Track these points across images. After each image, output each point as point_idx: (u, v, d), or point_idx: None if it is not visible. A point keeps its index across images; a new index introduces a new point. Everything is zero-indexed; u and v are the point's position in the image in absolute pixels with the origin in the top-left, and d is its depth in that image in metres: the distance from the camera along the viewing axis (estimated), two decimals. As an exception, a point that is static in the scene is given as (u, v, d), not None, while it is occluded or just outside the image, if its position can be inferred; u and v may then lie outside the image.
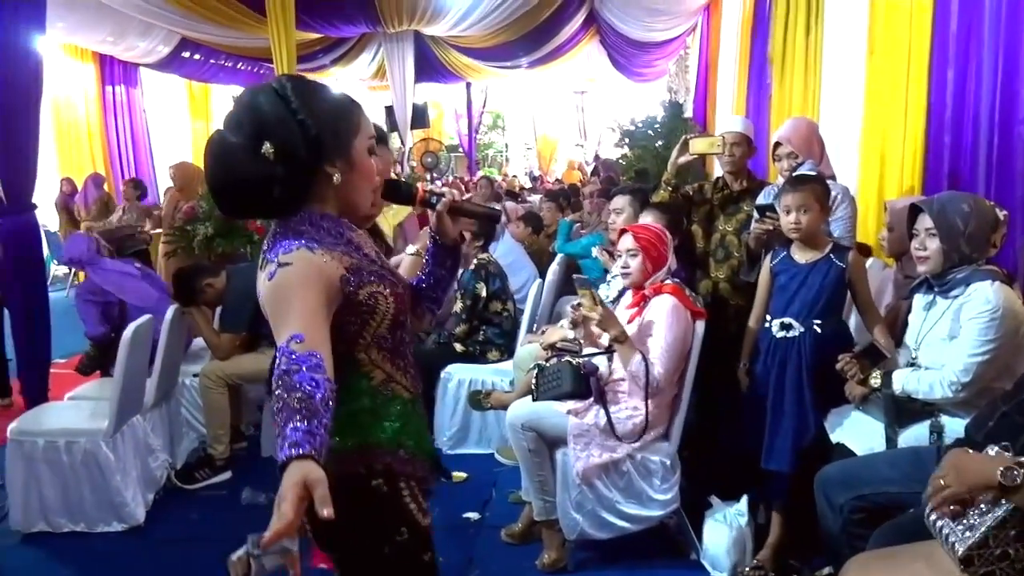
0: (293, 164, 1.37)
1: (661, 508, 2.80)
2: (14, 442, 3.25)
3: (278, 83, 1.41)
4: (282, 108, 1.37)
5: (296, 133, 1.37)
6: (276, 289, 1.34)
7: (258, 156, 1.35)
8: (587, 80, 16.37)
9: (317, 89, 1.45)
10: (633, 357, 2.66)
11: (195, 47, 11.53)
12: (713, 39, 9.04)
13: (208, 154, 1.41)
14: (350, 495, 1.40)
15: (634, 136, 9.32)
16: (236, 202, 1.44)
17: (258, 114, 1.37)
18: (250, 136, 1.36)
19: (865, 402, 2.52)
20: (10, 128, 4.12)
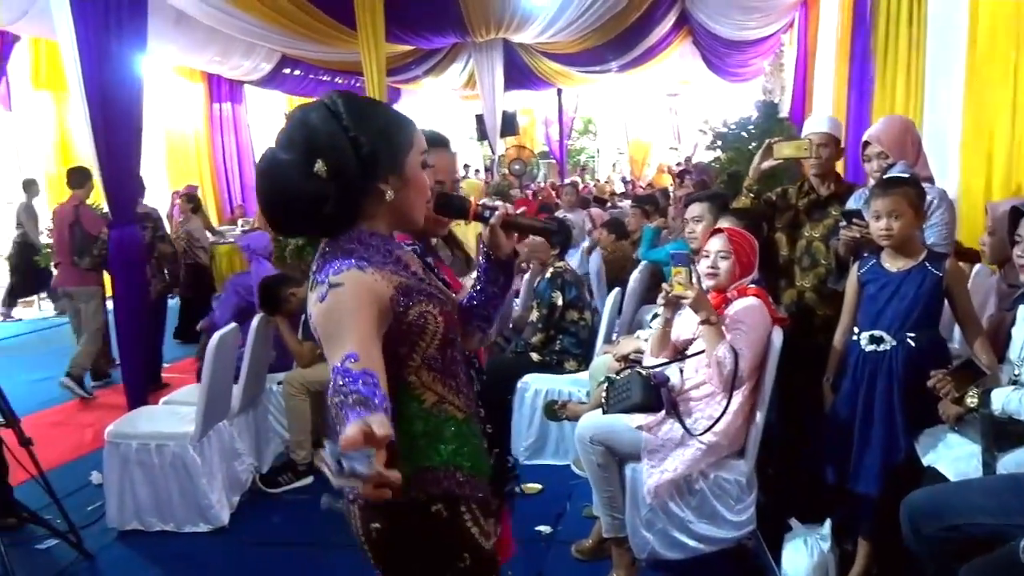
0: (345, 182, 1.36)
1: (735, 529, 2.67)
2: (111, 444, 3.43)
3: (330, 100, 1.40)
4: (334, 125, 1.36)
5: (348, 151, 1.35)
6: (329, 311, 1.32)
7: (311, 174, 1.34)
8: (680, 82, 16.06)
9: (368, 105, 1.44)
10: (721, 343, 2.56)
11: (295, 63, 12.03)
12: (811, 35, 8.71)
13: (260, 172, 1.41)
14: (410, 522, 1.41)
15: (727, 138, 9.05)
16: (288, 220, 1.43)
17: (310, 132, 1.36)
18: (302, 154, 1.35)
19: (960, 423, 2.33)
20: (114, 146, 4.36)
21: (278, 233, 1.48)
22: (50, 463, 3.92)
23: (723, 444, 2.66)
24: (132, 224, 4.65)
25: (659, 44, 12.35)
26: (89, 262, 5.66)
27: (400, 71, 12.49)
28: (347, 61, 10.79)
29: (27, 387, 5.88)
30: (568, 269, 4.23)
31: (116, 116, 4.35)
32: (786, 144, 3.21)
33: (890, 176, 2.68)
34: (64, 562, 3.19)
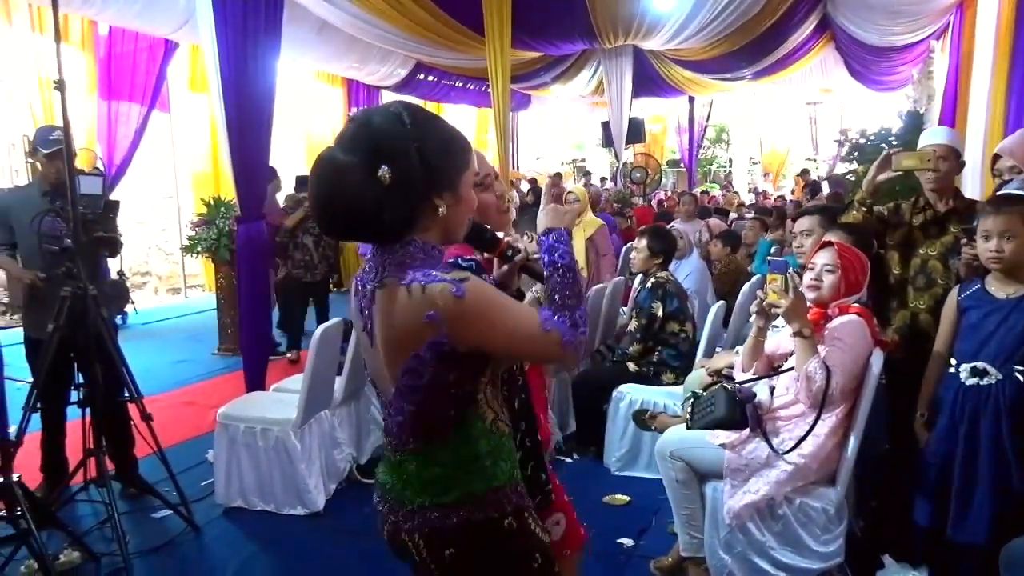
0: (407, 190, 1.35)
1: (821, 560, 2.52)
2: (221, 425, 3.66)
3: (397, 108, 1.39)
4: (402, 133, 1.35)
5: (415, 159, 1.35)
6: (476, 295, 1.34)
7: (373, 178, 1.32)
8: (821, 91, 15.33)
9: (434, 118, 1.45)
10: (813, 358, 2.44)
11: (428, 70, 12.42)
12: (966, 40, 8.08)
13: (318, 172, 1.37)
14: (485, 541, 1.44)
15: (864, 150, 8.55)
16: (344, 224, 1.39)
17: (377, 136, 1.35)
18: (366, 157, 1.33)
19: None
20: (245, 146, 4.66)
21: (327, 236, 1.48)
22: (173, 439, 4.25)
23: (811, 468, 2.52)
24: (259, 220, 4.94)
25: (798, 50, 11.85)
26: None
27: (529, 77, 12.64)
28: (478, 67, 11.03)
29: (166, 368, 6.40)
30: (670, 279, 4.14)
31: (249, 117, 4.63)
32: (907, 155, 3.00)
33: (1005, 192, 2.46)
34: (174, 532, 3.43)
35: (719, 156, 24.05)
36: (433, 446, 1.42)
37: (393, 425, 1.45)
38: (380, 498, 1.52)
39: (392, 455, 1.48)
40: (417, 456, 1.43)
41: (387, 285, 1.37)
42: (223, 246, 6.65)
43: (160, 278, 11.30)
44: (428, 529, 1.42)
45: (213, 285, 7.71)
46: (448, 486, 1.42)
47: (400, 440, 1.44)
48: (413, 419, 1.41)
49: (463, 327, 1.33)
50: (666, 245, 4.15)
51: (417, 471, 1.44)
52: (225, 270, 6.85)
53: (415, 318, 1.33)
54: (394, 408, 1.43)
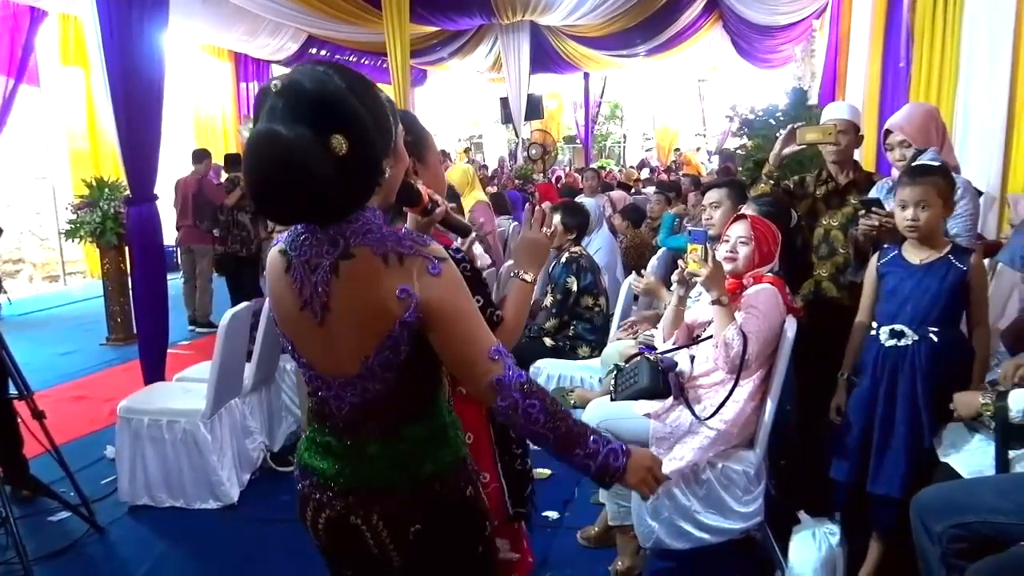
0: (366, 158, 1.22)
1: (742, 520, 2.62)
2: (123, 419, 3.46)
3: (320, 68, 1.23)
4: (343, 93, 1.19)
5: (367, 121, 1.20)
6: (452, 284, 1.27)
7: (326, 151, 1.16)
8: (709, 68, 15.84)
9: (359, 74, 1.28)
10: (730, 325, 2.52)
11: (321, 43, 12.03)
12: (844, 20, 8.51)
13: (257, 152, 1.19)
14: (451, 513, 1.39)
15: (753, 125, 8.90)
16: (297, 207, 1.24)
17: (320, 101, 1.18)
18: (314, 127, 1.16)
19: (977, 419, 2.26)
20: (134, 123, 4.37)
21: (277, 223, 1.32)
22: (67, 436, 3.99)
23: (732, 433, 2.61)
24: (151, 201, 4.66)
25: (688, 28, 12.19)
26: (209, 225, 6.99)
27: (426, 52, 12.46)
28: (373, 42, 10.79)
29: (51, 360, 5.99)
30: (584, 254, 4.18)
31: (137, 92, 4.34)
32: (809, 129, 3.14)
33: (920, 163, 2.59)
34: (76, 535, 3.22)
35: (613, 132, 24.51)
36: (400, 424, 1.35)
37: (344, 406, 1.34)
38: (315, 486, 1.42)
39: (337, 440, 1.38)
40: (378, 437, 1.35)
41: (356, 255, 1.25)
42: (109, 230, 6.29)
43: (35, 265, 10.54)
44: (393, 509, 1.35)
45: (98, 271, 7.30)
46: (420, 461, 1.36)
47: (354, 422, 1.35)
48: (383, 398, 1.32)
49: (430, 309, 1.25)
50: (579, 220, 4.18)
51: (381, 452, 1.36)
52: (112, 255, 6.48)
53: (389, 291, 1.24)
54: (351, 389, 1.32)
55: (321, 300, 1.28)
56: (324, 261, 1.26)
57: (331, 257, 1.26)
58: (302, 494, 1.45)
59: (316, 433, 1.43)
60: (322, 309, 1.28)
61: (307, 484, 1.43)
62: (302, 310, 1.31)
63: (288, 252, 1.33)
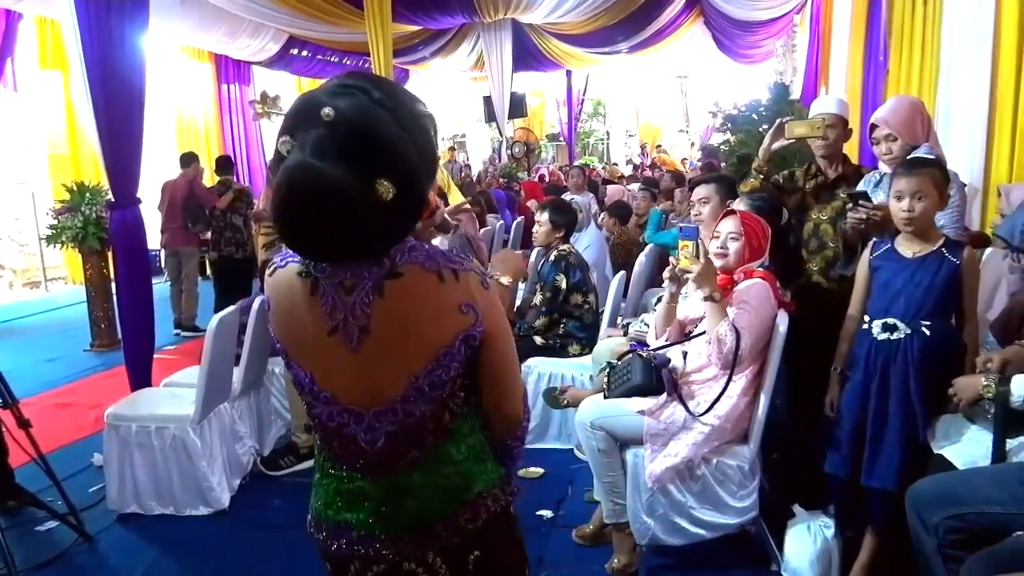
0: (413, 200, 1.14)
1: (738, 515, 2.63)
2: (111, 426, 3.41)
3: (364, 87, 1.12)
4: (391, 126, 1.09)
5: (413, 159, 1.11)
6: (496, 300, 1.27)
7: (372, 195, 1.08)
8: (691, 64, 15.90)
9: (407, 93, 1.20)
10: (723, 320, 2.52)
11: (302, 44, 11.97)
12: (825, 15, 8.57)
13: (295, 189, 1.08)
14: (505, 531, 1.36)
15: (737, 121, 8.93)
16: (328, 247, 1.15)
17: (365, 137, 1.08)
18: (358, 170, 1.07)
19: (971, 410, 2.27)
20: (116, 127, 4.31)
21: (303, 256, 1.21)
22: (53, 445, 3.93)
23: (726, 428, 2.61)
24: (134, 205, 4.61)
25: (670, 25, 12.22)
26: (202, 228, 7.03)
27: (408, 52, 12.41)
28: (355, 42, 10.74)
29: (34, 367, 5.91)
30: (572, 252, 4.18)
31: (118, 95, 4.28)
32: (798, 123, 3.14)
33: (915, 156, 2.60)
34: (64, 544, 3.17)
35: (597, 129, 24.54)
36: (441, 446, 1.27)
37: (378, 438, 1.24)
38: (354, 543, 1.29)
39: (370, 481, 1.27)
40: (420, 466, 1.26)
41: (405, 273, 1.18)
42: (91, 235, 6.21)
43: (15, 271, 10.40)
44: (450, 542, 1.28)
45: (80, 277, 7.21)
46: (468, 480, 1.29)
47: (390, 455, 1.25)
48: (425, 421, 1.24)
49: (489, 322, 1.23)
50: (568, 218, 4.18)
51: (425, 481, 1.27)
52: (94, 260, 6.40)
53: (449, 307, 1.19)
54: (390, 417, 1.23)
55: (360, 323, 1.18)
56: (366, 282, 1.18)
57: (374, 277, 1.18)
58: (339, 555, 1.31)
59: (338, 481, 1.30)
60: (360, 332, 1.19)
61: (342, 543, 1.30)
62: (331, 335, 1.20)
63: (312, 272, 1.21)
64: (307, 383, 1.27)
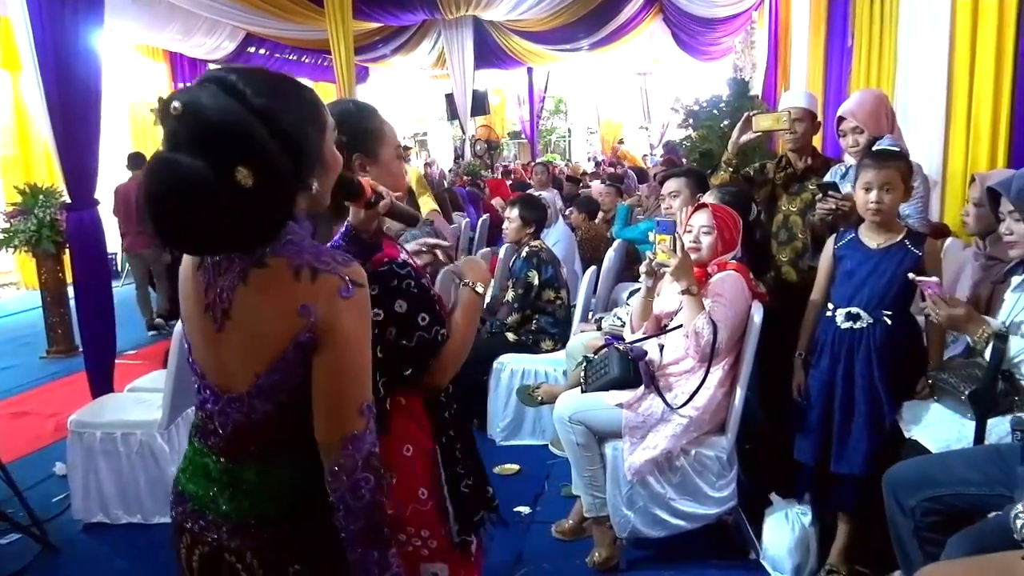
0: (277, 185, 1.10)
1: (717, 505, 2.65)
2: (74, 434, 3.31)
3: (225, 78, 1.10)
4: (245, 115, 1.07)
5: (273, 146, 1.09)
6: (359, 313, 1.17)
7: (230, 184, 1.06)
8: (651, 61, 16.02)
9: (279, 81, 1.17)
10: (700, 314, 2.53)
11: (260, 42, 11.77)
12: (783, 12, 8.69)
13: (156, 182, 1.08)
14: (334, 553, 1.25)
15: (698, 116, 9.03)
16: (196, 239, 1.13)
17: (219, 127, 1.07)
18: (215, 159, 1.06)
19: (941, 394, 2.31)
20: (71, 127, 4.19)
21: (179, 251, 1.20)
22: (11, 455, 3.80)
23: (704, 419, 2.63)
24: (92, 207, 4.49)
25: (630, 22, 12.29)
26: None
27: (368, 49, 12.29)
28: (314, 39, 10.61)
29: (-14, 377, 5.73)
30: (544, 248, 4.17)
31: (73, 95, 4.17)
32: (764, 116, 3.19)
33: (882, 148, 2.64)
34: (28, 557, 3.08)
35: (558, 127, 24.61)
36: (284, 450, 1.23)
37: (228, 424, 1.22)
38: (189, 514, 1.28)
39: (215, 461, 1.25)
40: (259, 462, 1.23)
41: (270, 264, 1.16)
42: (46, 238, 6.02)
43: (-36, 278, 10.08)
44: (269, 544, 1.23)
45: (33, 282, 7.01)
46: (304, 493, 1.23)
47: (236, 444, 1.23)
48: (270, 421, 1.21)
49: (328, 334, 1.15)
50: (538, 214, 4.17)
51: (258, 478, 1.23)
52: (49, 264, 6.22)
53: (291, 305, 1.14)
54: (238, 407, 1.21)
55: (223, 306, 1.19)
56: (235, 266, 1.18)
57: (244, 263, 1.17)
58: (176, 523, 1.31)
59: (196, 453, 1.30)
60: (222, 315, 1.19)
61: (181, 511, 1.30)
62: (204, 312, 1.22)
63: None
64: (187, 352, 1.30)
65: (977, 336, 2.05)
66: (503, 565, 2.84)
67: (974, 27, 3.53)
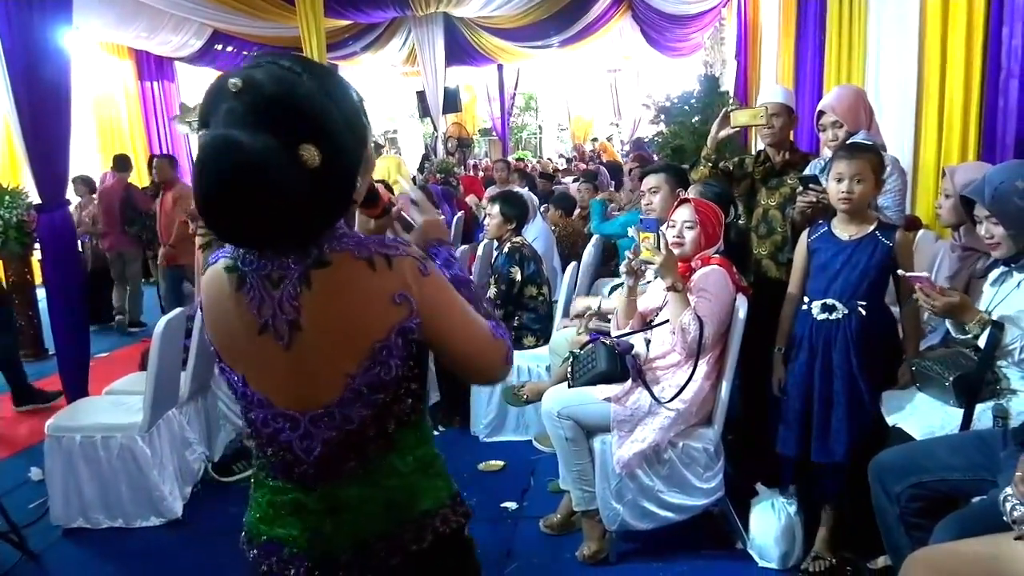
0: (343, 169, 1.06)
1: (705, 497, 2.69)
2: (52, 438, 3.25)
3: (292, 63, 1.05)
4: (314, 92, 1.02)
5: (340, 125, 1.04)
6: (441, 282, 1.18)
7: (296, 163, 1.00)
8: (621, 58, 16.10)
9: (335, 73, 1.14)
10: (686, 310, 2.56)
11: (227, 39, 11.60)
12: (752, 8, 8.80)
13: (213, 163, 1.01)
14: (456, 557, 1.27)
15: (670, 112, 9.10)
16: (255, 226, 1.05)
17: (288, 102, 1.01)
18: (282, 135, 1.00)
19: (924, 381, 2.36)
20: (40, 126, 4.12)
21: (228, 241, 1.12)
22: (-16, 461, 3.74)
23: (691, 412, 2.66)
24: (63, 207, 4.42)
25: (600, 19, 12.34)
26: (137, 231, 7.04)
27: (337, 47, 12.18)
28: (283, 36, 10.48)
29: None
30: (526, 244, 4.18)
31: (42, 94, 4.10)
32: (742, 112, 3.23)
33: (854, 141, 2.69)
34: (7, 565, 3.01)
35: (529, 124, 24.62)
36: (384, 456, 1.18)
37: (315, 446, 1.15)
38: (286, 562, 1.20)
39: (307, 493, 1.18)
40: (360, 477, 1.17)
41: (333, 261, 1.10)
42: (13, 239, 5.89)
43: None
44: (390, 564, 1.18)
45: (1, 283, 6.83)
46: (414, 496, 1.20)
47: (329, 465, 1.16)
48: (367, 427, 1.15)
49: (429, 312, 1.14)
50: (519, 210, 4.17)
51: (364, 495, 1.17)
52: (17, 266, 6.08)
53: (381, 298, 1.11)
54: (328, 422, 1.14)
55: (288, 318, 1.10)
56: (292, 273, 1.10)
57: (301, 267, 1.10)
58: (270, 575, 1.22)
59: (274, 493, 1.21)
60: (291, 329, 1.11)
61: (272, 562, 1.20)
62: (261, 333, 1.12)
63: (239, 267, 1.13)
64: (239, 386, 1.18)
65: (972, 323, 2.10)
66: (493, 561, 2.85)
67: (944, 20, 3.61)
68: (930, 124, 3.86)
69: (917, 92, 4.06)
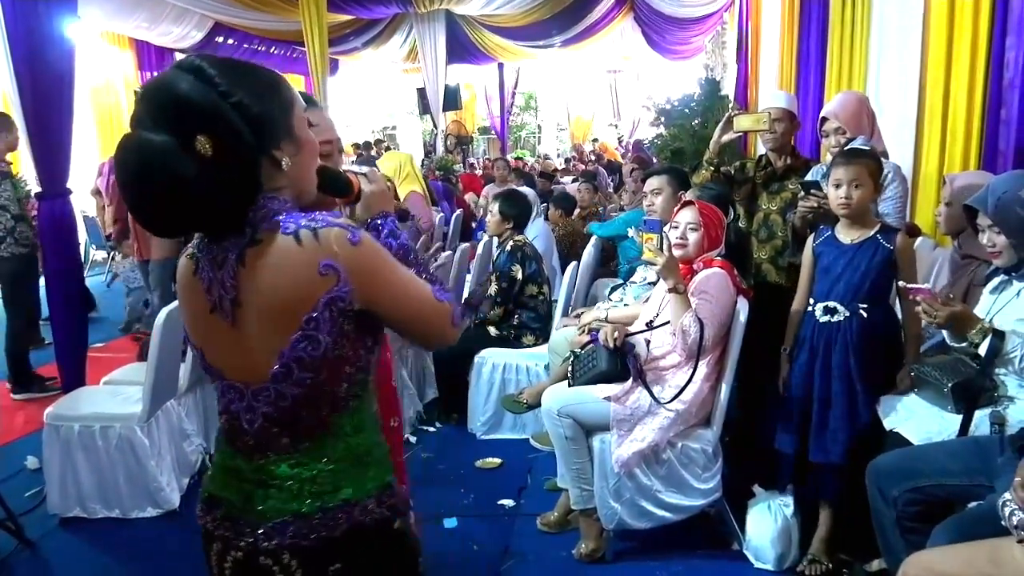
0: (237, 153, 1.13)
1: (703, 497, 2.71)
2: (51, 427, 3.25)
3: (192, 63, 1.15)
4: (207, 90, 1.12)
5: (232, 115, 1.13)
6: (373, 249, 1.21)
7: (191, 154, 1.10)
8: (622, 59, 16.11)
9: (237, 63, 1.21)
10: (687, 311, 2.58)
11: (229, 32, 11.59)
12: (754, 13, 8.81)
13: (125, 160, 1.13)
14: (377, 548, 1.27)
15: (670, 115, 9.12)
16: (167, 215, 1.15)
17: (181, 102, 1.11)
18: (176, 131, 1.10)
19: (922, 386, 2.39)
20: (43, 115, 4.11)
21: (154, 232, 1.22)
22: (-20, 449, 3.74)
23: (691, 412, 2.68)
24: (64, 196, 4.41)
25: (602, 20, 12.36)
26: None
27: (339, 42, 12.18)
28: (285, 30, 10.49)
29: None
30: (527, 243, 4.19)
31: (46, 82, 4.09)
32: (745, 117, 3.25)
33: (852, 147, 2.72)
34: (3, 552, 3.02)
35: (528, 123, 24.62)
36: (316, 438, 1.23)
37: (256, 419, 1.21)
38: (220, 521, 1.26)
39: (247, 462, 1.24)
40: (291, 454, 1.22)
41: (264, 239, 1.16)
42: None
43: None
44: (307, 542, 1.21)
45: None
46: (338, 484, 1.23)
47: (266, 439, 1.22)
48: (299, 406, 1.20)
49: (361, 279, 1.18)
50: (517, 209, 4.18)
51: (292, 472, 1.22)
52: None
53: (308, 270, 1.15)
54: (265, 397, 1.20)
55: (230, 296, 1.18)
56: (231, 254, 1.18)
57: (236, 247, 1.17)
58: (205, 531, 1.30)
59: (225, 457, 1.29)
60: (232, 305, 1.19)
61: (210, 519, 1.28)
62: (212, 312, 1.21)
63: (196, 254, 1.24)
64: (200, 360, 1.29)
65: (973, 332, 2.12)
66: (490, 558, 2.87)
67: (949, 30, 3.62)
68: (933, 133, 3.87)
69: (919, 101, 4.07)
